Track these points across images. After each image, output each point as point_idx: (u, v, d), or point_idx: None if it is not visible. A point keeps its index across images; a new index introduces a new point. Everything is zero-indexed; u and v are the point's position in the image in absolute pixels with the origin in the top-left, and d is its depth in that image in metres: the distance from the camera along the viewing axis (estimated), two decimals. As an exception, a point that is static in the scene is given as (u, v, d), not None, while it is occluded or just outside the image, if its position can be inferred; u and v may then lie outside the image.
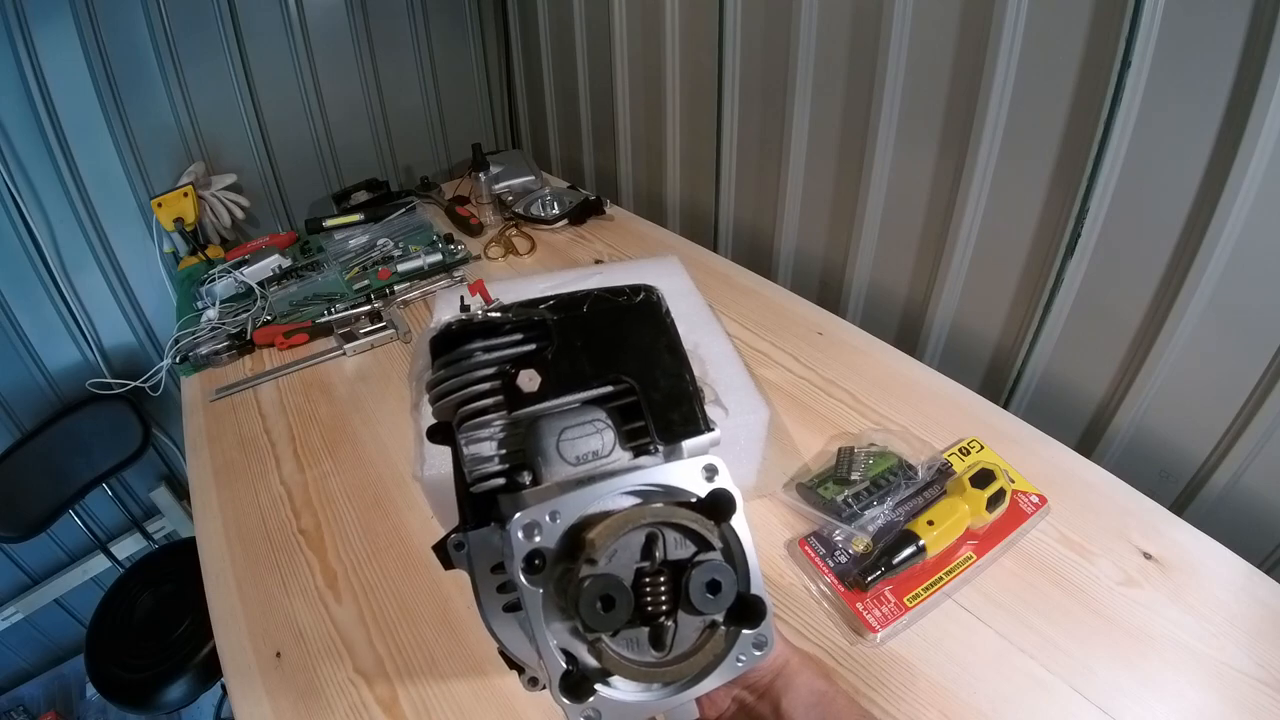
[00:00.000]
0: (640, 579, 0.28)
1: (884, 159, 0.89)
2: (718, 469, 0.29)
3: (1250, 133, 0.57)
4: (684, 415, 0.31)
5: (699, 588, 0.27)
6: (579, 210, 1.21)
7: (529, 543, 0.26)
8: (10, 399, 1.24)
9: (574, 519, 0.27)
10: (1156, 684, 0.50)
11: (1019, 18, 0.69)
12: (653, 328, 0.32)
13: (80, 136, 1.14)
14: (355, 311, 1.00)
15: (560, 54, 1.42)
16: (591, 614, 0.26)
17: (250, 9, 1.23)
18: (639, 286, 0.32)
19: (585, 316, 0.31)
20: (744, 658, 0.29)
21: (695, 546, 0.29)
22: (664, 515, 0.27)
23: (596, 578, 0.26)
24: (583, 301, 0.31)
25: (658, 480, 0.28)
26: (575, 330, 0.30)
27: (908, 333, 0.98)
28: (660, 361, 0.31)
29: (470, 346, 0.30)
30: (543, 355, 0.30)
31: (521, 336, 0.30)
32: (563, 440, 0.30)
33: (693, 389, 0.31)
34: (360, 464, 0.76)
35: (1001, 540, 0.59)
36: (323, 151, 1.44)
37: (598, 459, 0.30)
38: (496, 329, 0.30)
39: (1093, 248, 0.73)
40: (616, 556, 0.27)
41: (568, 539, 0.27)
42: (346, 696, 0.53)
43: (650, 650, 0.28)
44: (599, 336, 0.31)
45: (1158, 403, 0.73)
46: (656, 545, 0.28)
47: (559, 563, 0.27)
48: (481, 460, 0.30)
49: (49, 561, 1.42)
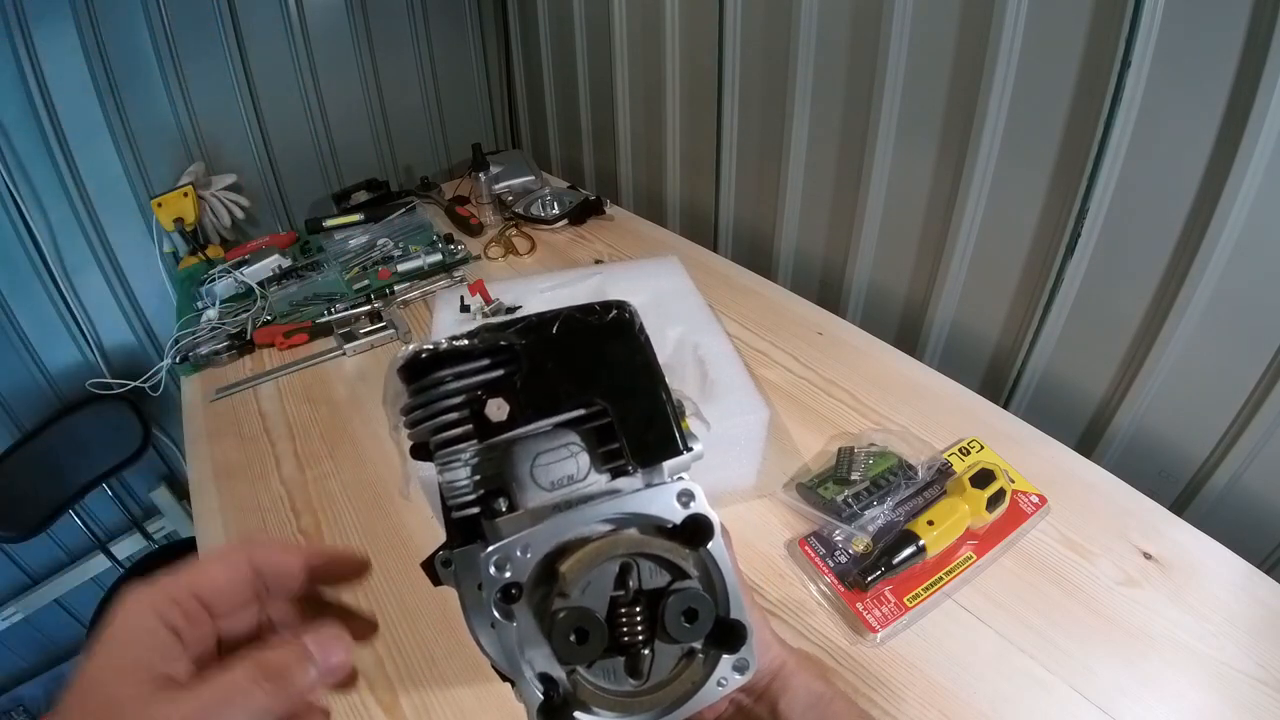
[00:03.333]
0: (615, 609, 0.27)
1: (884, 159, 0.89)
2: (694, 494, 0.28)
3: (1250, 132, 0.57)
4: (659, 435, 0.30)
5: (675, 616, 0.27)
6: (579, 210, 1.21)
7: (501, 577, 0.26)
8: (10, 399, 1.24)
9: (546, 549, 0.27)
10: (1156, 684, 0.50)
11: (1019, 18, 0.69)
12: (625, 346, 0.31)
13: (80, 136, 1.14)
14: (355, 311, 1.00)
15: (560, 54, 1.42)
16: (565, 647, 0.26)
17: (250, 9, 1.23)
18: (610, 303, 0.31)
19: (555, 338, 0.30)
20: (725, 681, 0.29)
21: (670, 575, 0.28)
22: (637, 545, 0.27)
23: (569, 610, 0.26)
24: (552, 322, 0.30)
25: (632, 510, 0.28)
26: (545, 352, 0.30)
27: (908, 333, 0.98)
28: (634, 380, 0.30)
29: (439, 374, 0.29)
30: (512, 380, 0.29)
31: (490, 362, 0.29)
32: (536, 466, 0.29)
33: (670, 408, 0.31)
34: (360, 464, 0.76)
35: (1001, 540, 0.59)
36: (323, 151, 1.44)
37: (573, 483, 0.29)
38: (465, 355, 0.29)
39: (1093, 248, 0.73)
40: (590, 588, 0.27)
41: (544, 564, 0.27)
42: (346, 697, 0.53)
43: (628, 679, 0.28)
44: (570, 358, 0.30)
45: (1158, 403, 0.73)
46: (631, 575, 0.28)
47: (537, 587, 0.27)
48: (457, 488, 0.30)
49: (49, 561, 1.42)
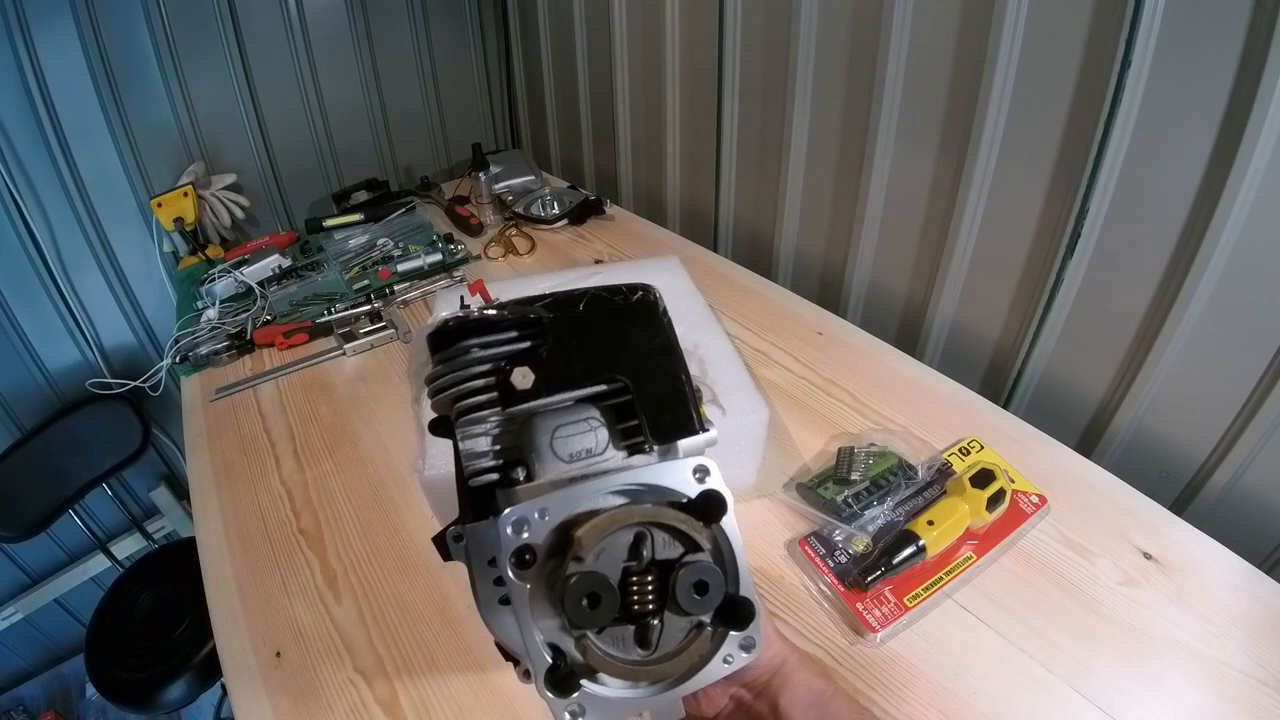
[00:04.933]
0: (627, 578, 0.28)
1: (884, 159, 0.89)
2: (709, 470, 0.29)
3: (1250, 133, 0.57)
4: (678, 415, 0.30)
5: (686, 588, 0.27)
6: (579, 210, 1.21)
7: (517, 538, 0.27)
8: (10, 399, 1.24)
9: (563, 516, 0.27)
10: (1156, 684, 0.50)
11: (1019, 18, 0.69)
12: (649, 327, 0.32)
13: (80, 136, 1.14)
14: (355, 311, 1.00)
15: (560, 54, 1.42)
16: (577, 611, 0.26)
17: (250, 9, 1.23)
18: (636, 286, 0.32)
19: (581, 315, 0.31)
20: (731, 658, 0.29)
21: (683, 547, 0.29)
22: (652, 515, 0.28)
23: (583, 575, 0.26)
24: (579, 300, 0.31)
25: (649, 480, 0.28)
26: (571, 328, 0.30)
27: (908, 333, 0.98)
28: (655, 361, 0.31)
29: (466, 343, 0.30)
30: (538, 353, 0.30)
31: (517, 334, 0.30)
32: (556, 438, 0.30)
33: (688, 389, 0.31)
34: (360, 464, 0.76)
35: (1001, 540, 0.59)
36: (323, 151, 1.44)
37: (591, 457, 0.30)
38: (493, 326, 0.30)
39: (1093, 248, 0.73)
40: (604, 555, 0.28)
41: (557, 536, 0.27)
42: (346, 696, 0.53)
43: (636, 649, 0.29)
44: (594, 335, 0.31)
45: (1158, 403, 0.73)
46: (645, 545, 0.28)
47: (549, 559, 0.27)
48: (477, 455, 0.30)
49: (49, 561, 1.42)
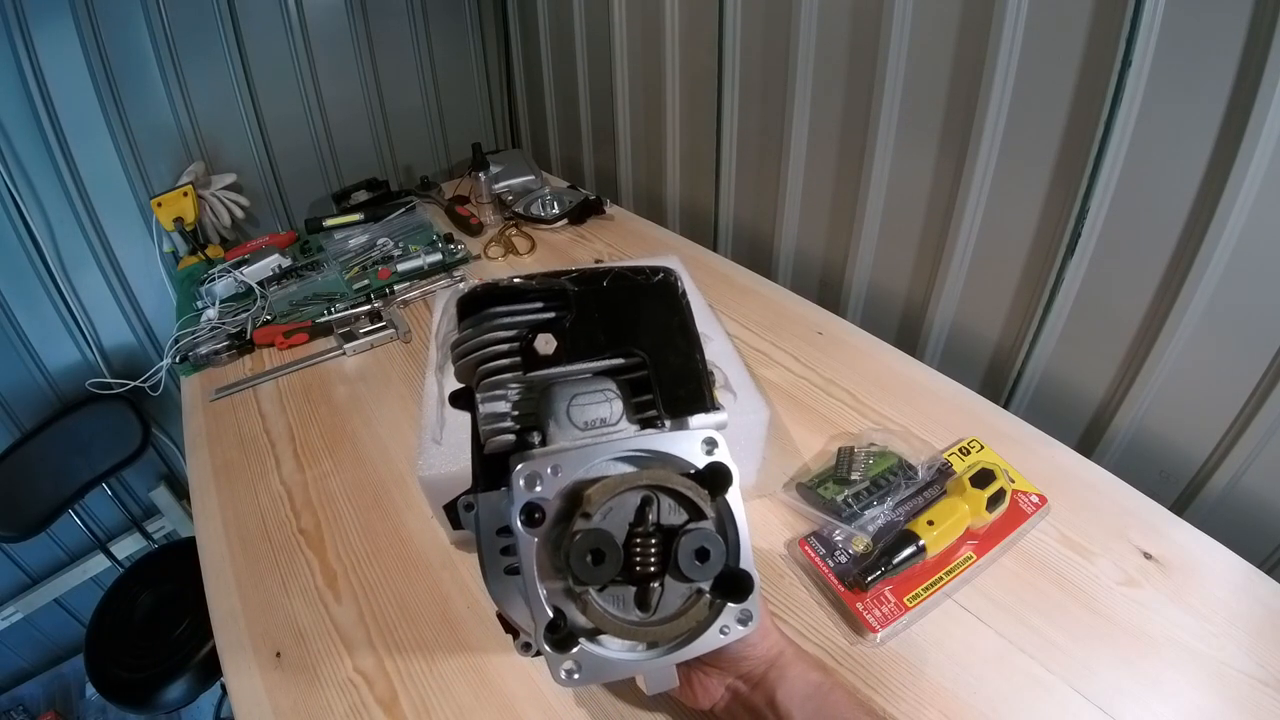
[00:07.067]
0: (632, 539, 0.29)
1: (884, 159, 0.89)
2: (717, 443, 0.30)
3: (1250, 133, 0.57)
4: (691, 392, 0.31)
5: (688, 554, 0.28)
6: (579, 210, 1.21)
7: (529, 493, 0.28)
8: (10, 399, 1.24)
9: (575, 475, 0.28)
10: (1156, 684, 0.50)
11: (1019, 18, 0.69)
12: (668, 307, 0.33)
13: (80, 136, 1.14)
14: (355, 311, 1.00)
15: (560, 54, 1.42)
16: (581, 566, 0.27)
17: (250, 9, 1.23)
18: (659, 267, 0.34)
19: (605, 291, 0.32)
20: (728, 629, 0.30)
21: (688, 514, 0.30)
22: (660, 479, 0.29)
23: (589, 531, 0.27)
24: (603, 277, 0.32)
25: (659, 447, 0.30)
26: (594, 303, 0.32)
27: (908, 333, 0.98)
28: (673, 339, 0.32)
29: (494, 309, 0.31)
30: (561, 323, 0.31)
31: (543, 304, 0.31)
32: (573, 406, 0.31)
33: (703, 368, 0.32)
34: (360, 464, 0.76)
35: (1001, 540, 0.59)
36: (323, 151, 1.44)
37: (605, 426, 0.31)
38: (521, 294, 0.31)
39: (1093, 248, 0.73)
40: (611, 514, 0.29)
41: (566, 501, 0.28)
42: (346, 696, 0.53)
43: (635, 610, 0.29)
44: (616, 311, 0.32)
45: (1158, 403, 0.73)
46: (651, 508, 0.29)
47: (557, 524, 0.28)
48: (496, 418, 0.31)
49: (49, 561, 1.42)
